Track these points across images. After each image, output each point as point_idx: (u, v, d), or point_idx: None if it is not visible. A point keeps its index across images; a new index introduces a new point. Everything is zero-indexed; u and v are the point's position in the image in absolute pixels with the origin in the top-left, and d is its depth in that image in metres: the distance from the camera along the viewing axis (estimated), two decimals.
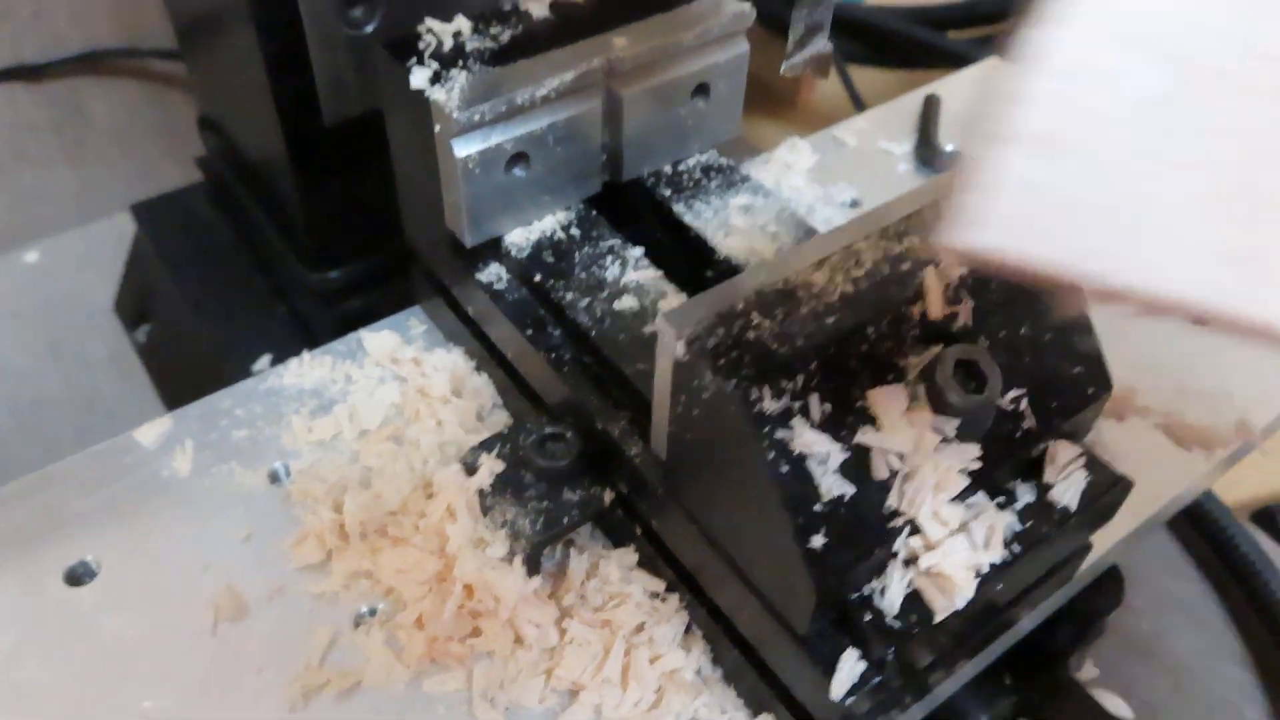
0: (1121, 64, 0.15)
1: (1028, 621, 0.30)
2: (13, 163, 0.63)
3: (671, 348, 0.24)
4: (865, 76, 0.72)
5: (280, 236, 0.50)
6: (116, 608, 0.31)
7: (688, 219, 0.34)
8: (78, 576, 0.32)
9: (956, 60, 0.65)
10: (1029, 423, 0.26)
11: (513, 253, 0.34)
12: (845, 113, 0.56)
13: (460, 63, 0.31)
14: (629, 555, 0.32)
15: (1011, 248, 0.16)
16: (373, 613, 0.32)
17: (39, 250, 0.65)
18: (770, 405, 0.24)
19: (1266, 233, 0.14)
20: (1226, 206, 0.14)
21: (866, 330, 0.25)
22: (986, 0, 0.72)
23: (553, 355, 0.32)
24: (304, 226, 0.48)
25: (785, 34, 0.70)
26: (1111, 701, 0.40)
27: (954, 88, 0.50)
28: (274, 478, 0.35)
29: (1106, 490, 0.27)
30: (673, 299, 0.32)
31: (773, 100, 0.71)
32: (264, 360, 0.50)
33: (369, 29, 0.41)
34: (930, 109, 0.47)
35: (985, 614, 0.27)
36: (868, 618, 0.25)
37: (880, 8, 0.71)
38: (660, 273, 0.33)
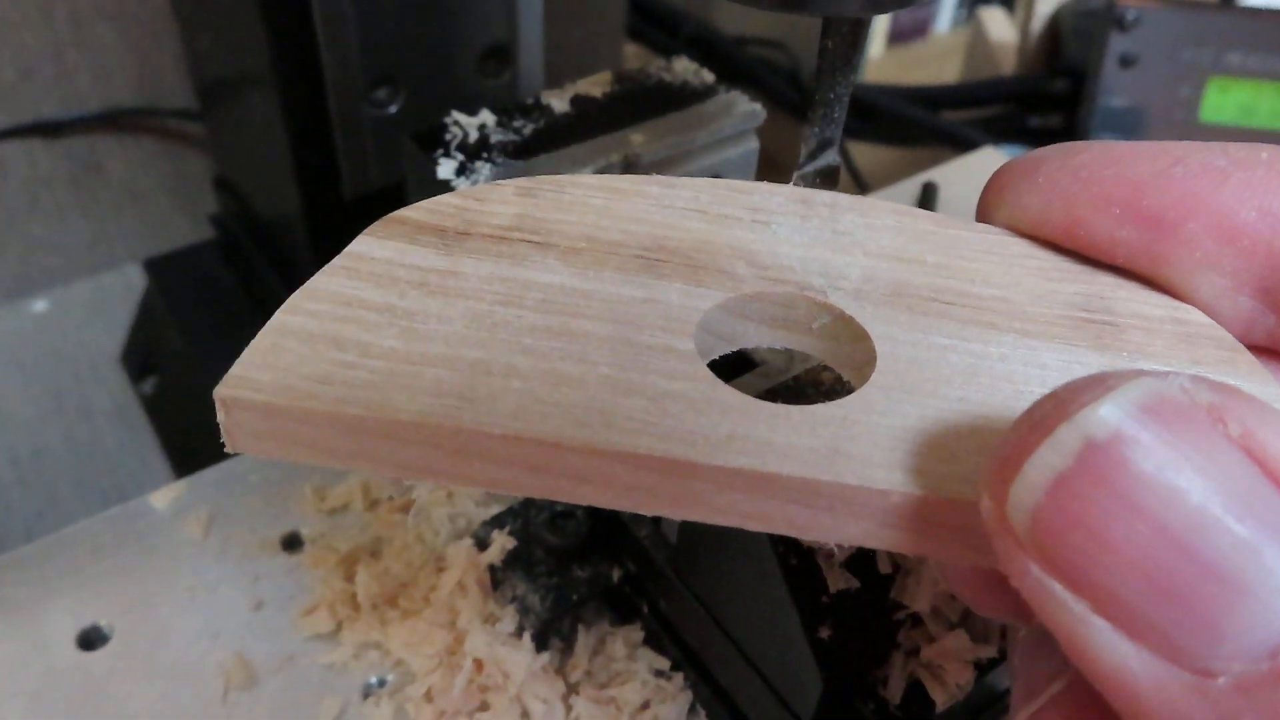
0: None
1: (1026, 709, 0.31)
2: (26, 214, 0.64)
3: None
4: (864, 152, 0.74)
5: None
6: (128, 673, 0.32)
7: None
8: (90, 640, 0.33)
9: (950, 140, 0.68)
10: None
11: None
12: (846, 189, 0.58)
13: (485, 155, 0.33)
14: (635, 632, 0.33)
15: None
16: (382, 684, 0.32)
17: (48, 300, 0.66)
18: None
19: (476, 379, 0.17)
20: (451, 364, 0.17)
21: (823, 374, 0.26)
22: (979, 84, 0.74)
23: None
24: None
25: (792, 113, 0.72)
26: None
27: (951, 175, 0.52)
28: (286, 545, 0.36)
29: None
30: None
31: (778, 172, 0.73)
32: None
33: (392, 109, 0.42)
34: (928, 196, 0.49)
35: (985, 702, 0.28)
36: (871, 706, 0.26)
37: (879, 86, 0.74)
38: None
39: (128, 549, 0.35)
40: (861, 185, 0.69)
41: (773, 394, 0.26)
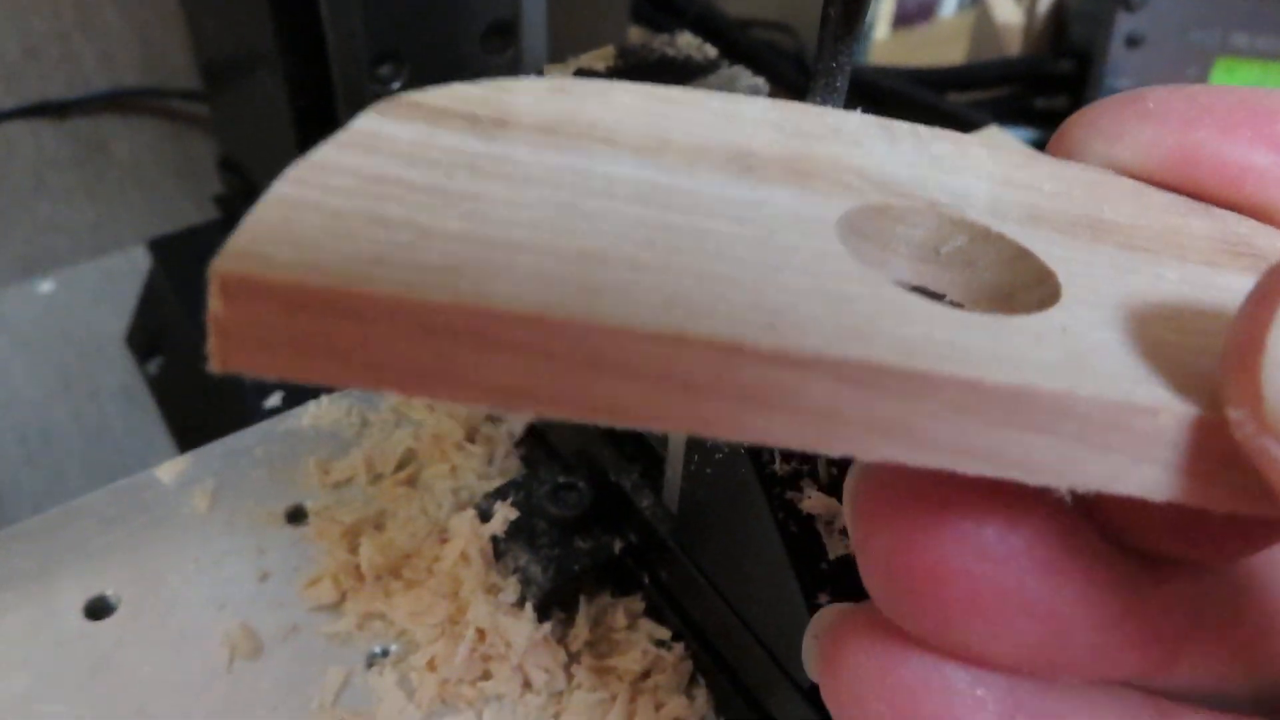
0: None
1: None
2: (32, 195, 0.64)
3: None
4: None
5: None
6: (135, 642, 0.32)
7: None
8: (97, 610, 0.33)
9: (955, 122, 0.68)
10: None
11: None
12: None
13: None
14: (636, 603, 0.33)
15: None
16: (385, 653, 0.32)
17: (54, 281, 0.66)
18: (780, 468, 0.25)
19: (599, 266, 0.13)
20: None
21: None
22: (984, 65, 0.74)
23: None
24: None
25: (797, 95, 0.72)
26: None
27: None
28: (291, 518, 0.36)
29: None
30: None
31: None
32: (275, 397, 0.51)
33: (395, 86, 0.42)
34: None
35: None
36: None
37: (884, 69, 0.74)
38: None
39: (134, 521, 0.36)
40: None
41: None
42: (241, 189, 0.57)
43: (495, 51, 0.44)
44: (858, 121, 0.17)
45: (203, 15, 0.54)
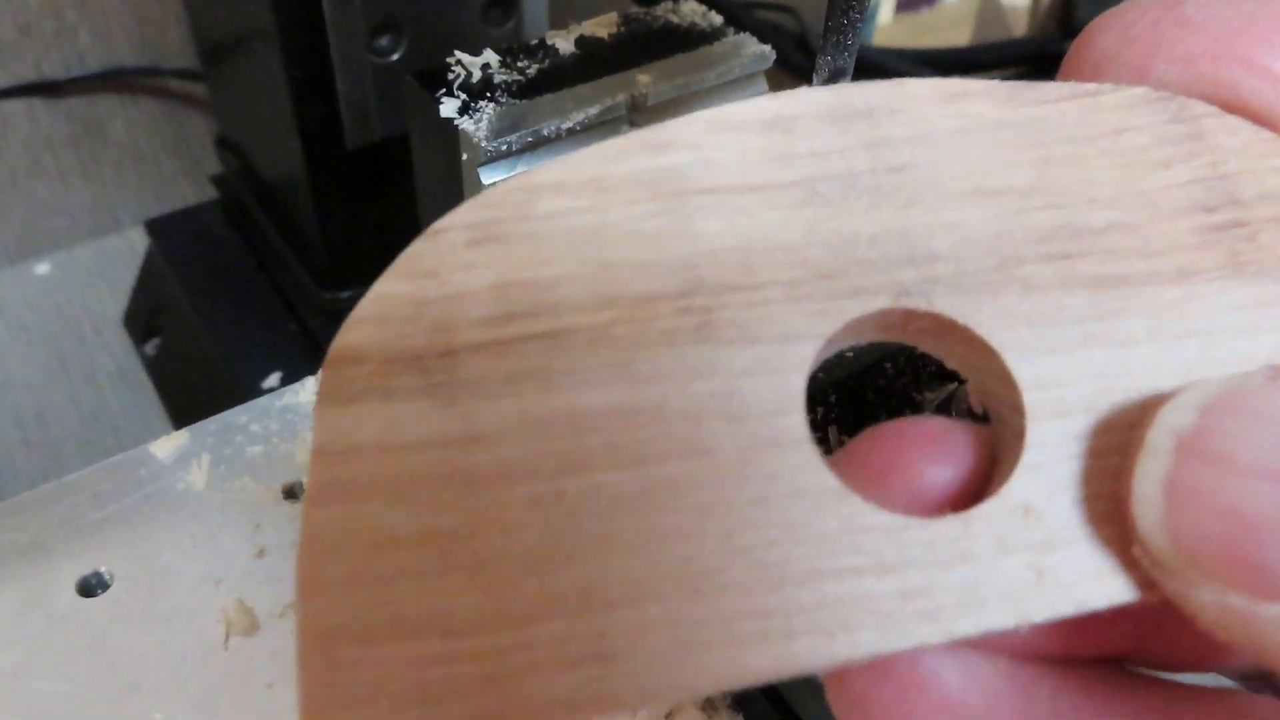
0: None
1: None
2: (28, 176, 0.63)
3: None
4: None
5: (294, 255, 0.51)
6: (128, 619, 0.32)
7: None
8: (90, 587, 0.33)
9: None
10: None
11: None
12: None
13: (488, 95, 0.32)
14: None
15: None
16: None
17: (51, 262, 0.65)
18: None
19: (604, 622, 0.12)
20: (559, 609, 0.12)
21: (885, 366, 0.25)
22: (990, 46, 0.73)
23: None
24: (320, 246, 0.48)
25: (800, 77, 0.71)
26: None
27: None
28: (288, 494, 0.35)
29: None
30: None
31: None
32: (274, 377, 0.50)
33: (394, 57, 0.42)
34: None
35: None
36: None
37: (887, 49, 0.73)
38: None
39: (128, 497, 0.35)
40: None
41: (841, 385, 0.25)
42: (239, 168, 0.57)
43: (495, 24, 0.43)
44: (808, 126, 0.15)
45: None
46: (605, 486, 0.13)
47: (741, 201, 0.14)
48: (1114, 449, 0.13)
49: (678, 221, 0.14)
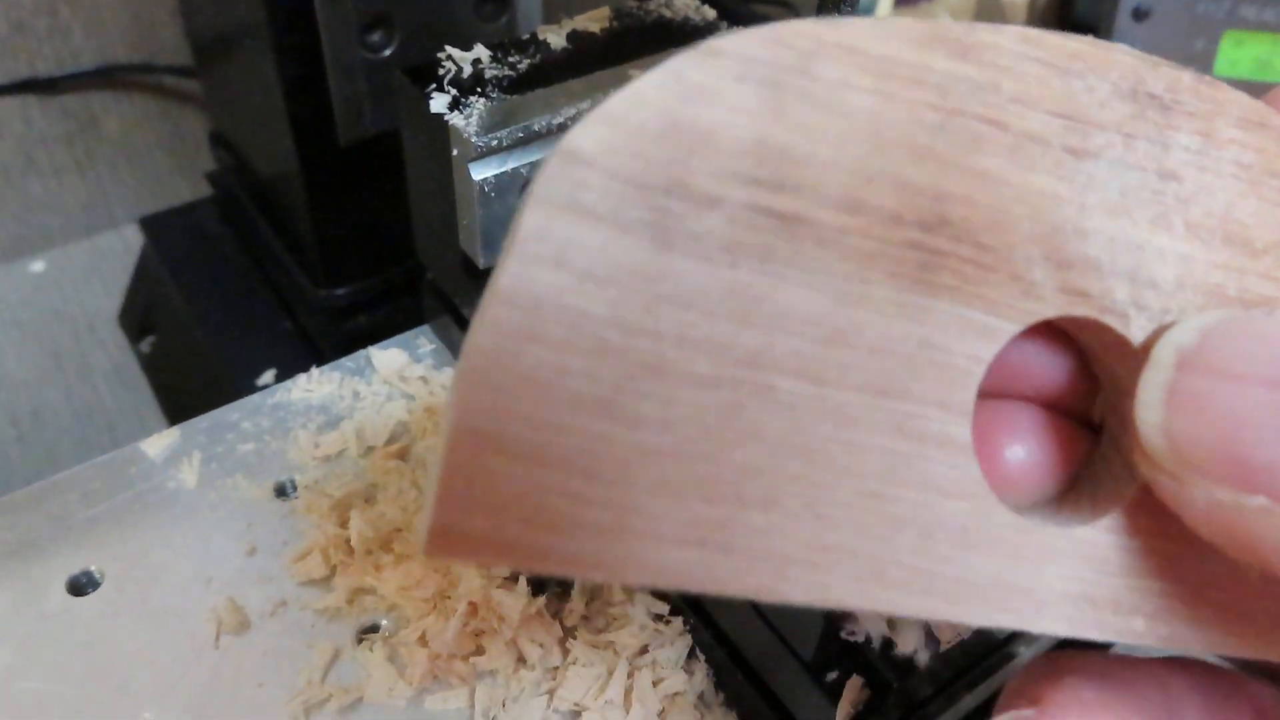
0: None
1: (1028, 653, 0.31)
2: (22, 173, 0.63)
3: None
4: None
5: (289, 252, 0.51)
6: (119, 618, 0.31)
7: None
8: (80, 586, 0.32)
9: None
10: None
11: None
12: None
13: (479, 90, 0.32)
14: None
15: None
16: (375, 629, 0.32)
17: (45, 260, 0.65)
18: None
19: (730, 515, 0.12)
20: (695, 489, 0.12)
21: None
22: None
23: None
24: (313, 243, 0.48)
25: None
26: None
27: None
28: (280, 492, 0.35)
29: None
30: None
31: None
32: (268, 375, 0.50)
33: (386, 53, 0.41)
34: None
35: (988, 645, 0.28)
36: (874, 645, 0.25)
37: None
38: None
39: (119, 495, 0.35)
40: None
41: None
42: (233, 165, 0.56)
43: (488, 19, 0.43)
44: (1106, 93, 0.13)
45: None
46: (780, 392, 0.12)
47: (1023, 151, 0.13)
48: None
49: (952, 147, 0.13)
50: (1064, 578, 0.13)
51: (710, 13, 0.36)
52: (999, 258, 0.13)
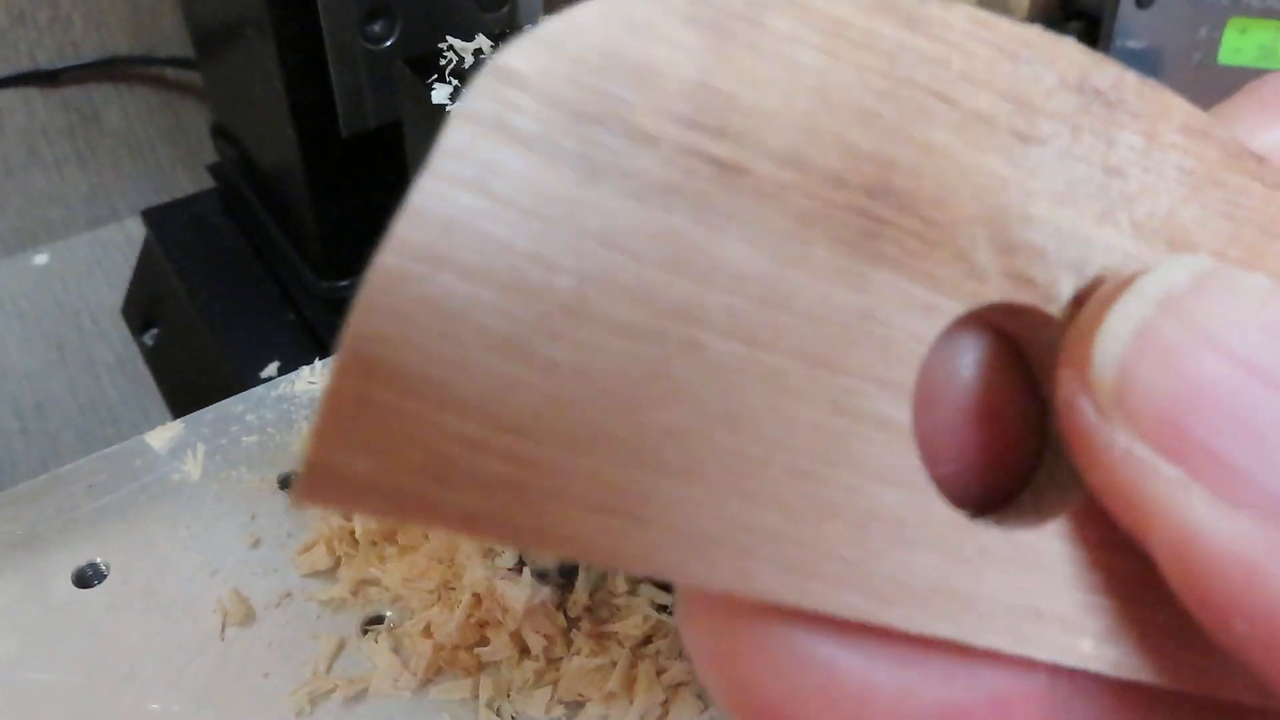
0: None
1: None
2: (25, 166, 0.63)
3: None
4: None
5: (292, 244, 0.51)
6: (124, 610, 0.32)
7: None
8: (86, 578, 0.33)
9: None
10: None
11: None
12: None
13: None
14: None
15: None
16: (380, 620, 0.32)
17: (49, 253, 0.65)
18: None
19: (648, 481, 0.12)
20: (609, 449, 0.12)
21: None
22: None
23: None
24: (316, 235, 0.48)
25: None
26: None
27: None
28: (284, 484, 0.35)
29: None
30: None
31: None
32: (272, 367, 0.50)
33: (388, 44, 0.41)
34: None
35: None
36: None
37: None
38: None
39: (125, 487, 0.35)
40: None
41: None
42: (235, 157, 0.56)
43: (490, 8, 0.43)
44: (1053, 82, 0.13)
45: None
46: (709, 350, 0.12)
47: (970, 129, 0.13)
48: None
49: (900, 116, 0.13)
50: (1008, 586, 0.13)
51: None
52: (944, 234, 0.13)
